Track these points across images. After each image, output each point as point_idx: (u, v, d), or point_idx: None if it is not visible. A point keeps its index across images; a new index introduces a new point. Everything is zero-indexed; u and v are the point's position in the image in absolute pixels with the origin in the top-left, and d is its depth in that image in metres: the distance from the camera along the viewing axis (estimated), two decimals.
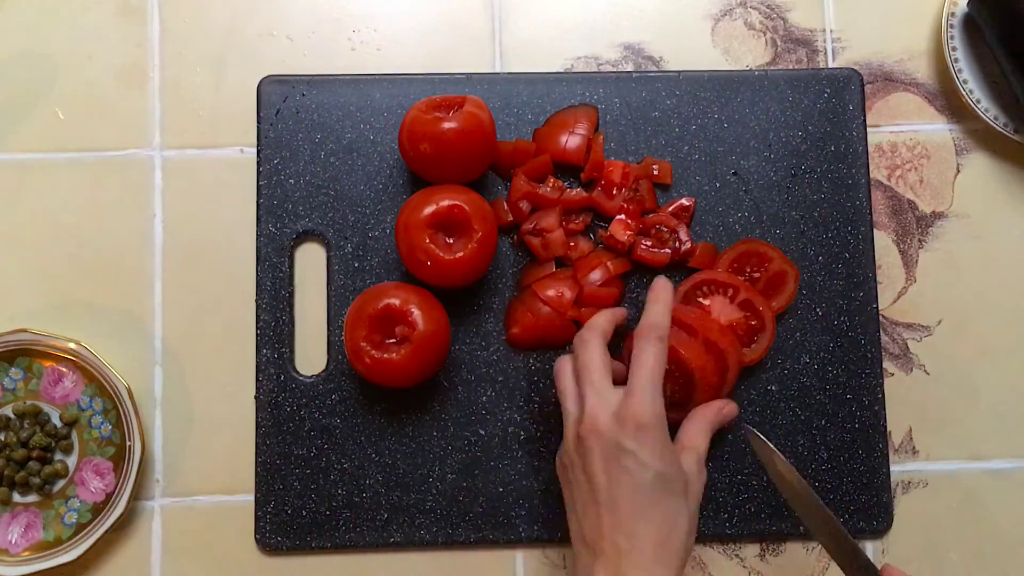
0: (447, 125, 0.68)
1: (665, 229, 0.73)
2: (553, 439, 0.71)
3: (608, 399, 0.62)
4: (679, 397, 0.69)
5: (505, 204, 0.73)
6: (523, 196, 0.72)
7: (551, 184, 0.73)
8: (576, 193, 0.73)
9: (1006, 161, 0.77)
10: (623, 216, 0.72)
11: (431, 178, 0.70)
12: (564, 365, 0.66)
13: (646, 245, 0.72)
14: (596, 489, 0.60)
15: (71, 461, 0.71)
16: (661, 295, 0.65)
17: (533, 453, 0.71)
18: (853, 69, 0.76)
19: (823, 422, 0.73)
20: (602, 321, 0.66)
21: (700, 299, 0.71)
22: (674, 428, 0.66)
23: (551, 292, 0.71)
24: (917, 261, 0.76)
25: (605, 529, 0.60)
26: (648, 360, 0.62)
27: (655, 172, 0.74)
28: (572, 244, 0.73)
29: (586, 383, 0.63)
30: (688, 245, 0.73)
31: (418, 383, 0.68)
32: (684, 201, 0.74)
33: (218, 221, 0.74)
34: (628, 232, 0.71)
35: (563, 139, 0.73)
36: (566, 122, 0.74)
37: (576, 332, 0.67)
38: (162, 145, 0.75)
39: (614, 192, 0.72)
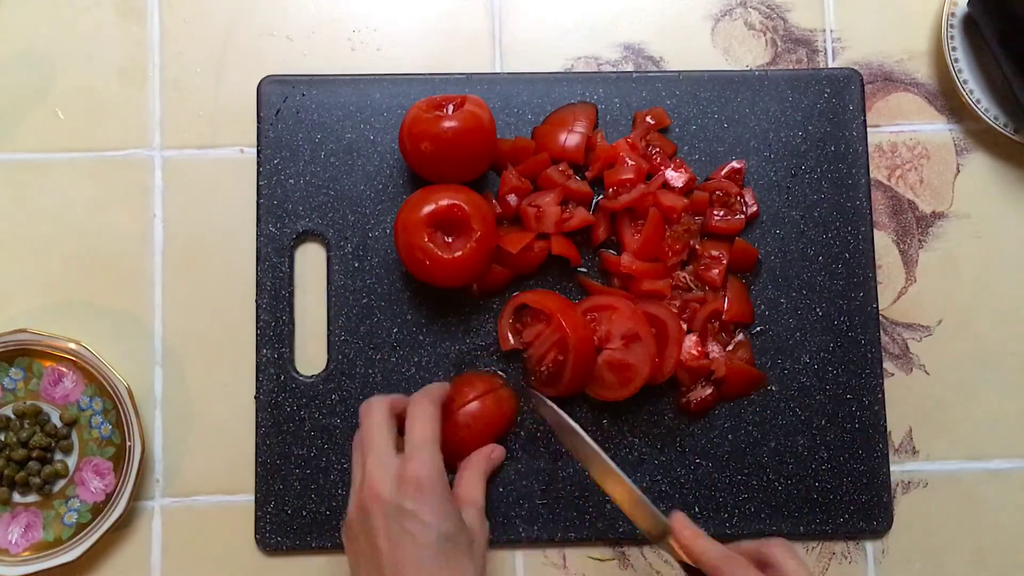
0: (447, 124, 0.68)
1: (725, 194, 0.72)
2: (553, 439, 0.72)
3: (388, 464, 0.61)
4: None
5: (494, 199, 0.73)
6: (512, 190, 0.72)
7: (561, 168, 0.73)
8: (581, 184, 0.73)
9: (1006, 161, 0.77)
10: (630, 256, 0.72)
11: (431, 177, 0.70)
12: (356, 439, 0.65)
13: (718, 215, 0.72)
14: (380, 556, 0.59)
15: (71, 461, 0.71)
16: (436, 385, 0.68)
17: (533, 453, 0.71)
18: (853, 69, 0.76)
19: (823, 422, 0.73)
20: (391, 397, 0.66)
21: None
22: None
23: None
24: (917, 261, 0.76)
25: None
26: (422, 421, 0.63)
27: (650, 121, 0.74)
28: (567, 215, 0.72)
29: (368, 451, 0.62)
30: (754, 208, 0.73)
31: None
32: (735, 163, 0.74)
33: (218, 221, 0.74)
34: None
35: (562, 137, 0.73)
36: (565, 120, 0.74)
37: None
38: (162, 145, 0.75)
39: (628, 161, 0.72)
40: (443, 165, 0.69)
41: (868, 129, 0.76)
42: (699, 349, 0.71)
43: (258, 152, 0.74)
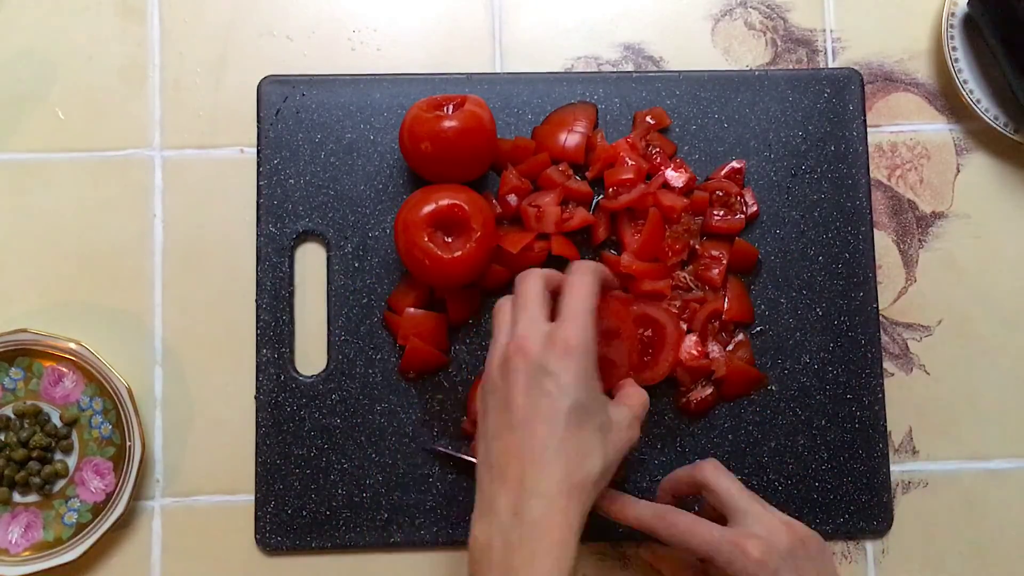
0: (448, 124, 0.68)
1: (726, 194, 0.73)
2: None
3: (539, 324, 0.59)
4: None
5: (494, 199, 0.73)
6: (512, 190, 0.72)
7: (561, 167, 0.73)
8: (581, 184, 0.73)
9: (1006, 161, 0.77)
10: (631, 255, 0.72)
11: (432, 177, 0.70)
12: (503, 302, 0.63)
13: (718, 215, 0.72)
14: (513, 411, 0.58)
15: (71, 461, 0.71)
16: (590, 263, 0.65)
17: None
18: (853, 69, 0.76)
19: (823, 422, 0.73)
20: (548, 271, 0.64)
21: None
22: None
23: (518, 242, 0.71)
24: (917, 261, 0.76)
25: (513, 454, 0.57)
26: (582, 288, 0.61)
27: (650, 121, 0.74)
28: (568, 215, 0.72)
29: (521, 311, 0.60)
30: (755, 208, 0.73)
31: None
32: (735, 163, 0.74)
33: (218, 221, 0.74)
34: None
35: (562, 137, 0.73)
36: (565, 120, 0.74)
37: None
38: (162, 145, 0.75)
39: (628, 161, 0.72)
40: (443, 165, 0.69)
41: (868, 129, 0.76)
42: (699, 349, 0.71)
43: (258, 152, 0.74)
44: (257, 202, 0.73)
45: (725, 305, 0.72)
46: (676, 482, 0.66)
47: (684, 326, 0.71)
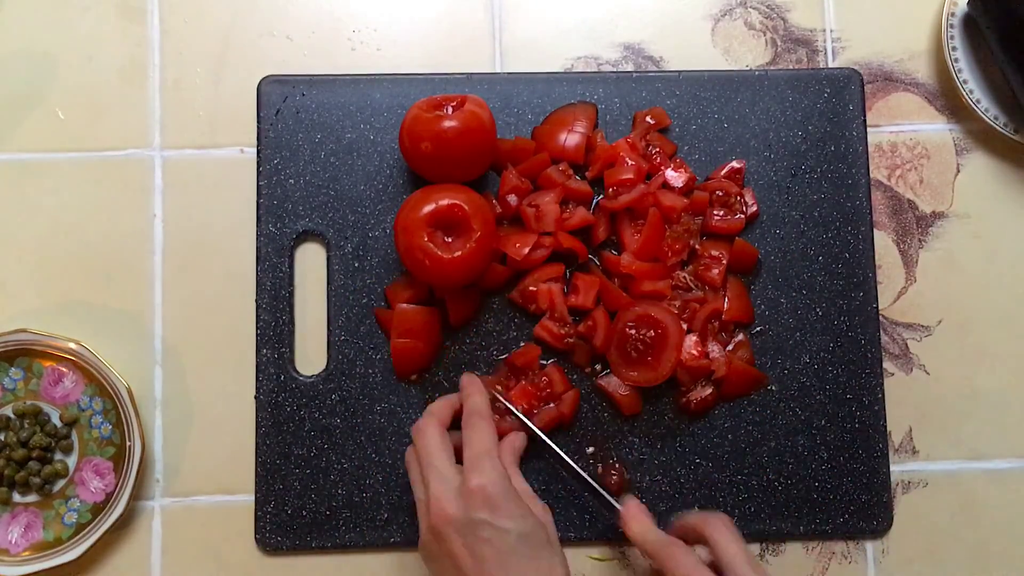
0: (448, 124, 0.68)
1: (725, 194, 0.72)
2: (553, 438, 0.71)
3: (450, 480, 0.62)
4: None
5: (494, 199, 0.73)
6: (512, 190, 0.72)
7: (561, 167, 0.73)
8: (581, 184, 0.73)
9: (1006, 161, 0.77)
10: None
11: (432, 177, 0.70)
12: (409, 457, 0.66)
13: (718, 215, 0.73)
14: (464, 571, 0.60)
15: (71, 461, 0.71)
16: (473, 387, 0.68)
17: (533, 453, 0.71)
18: (853, 69, 0.76)
19: (823, 422, 0.73)
20: (437, 407, 0.67)
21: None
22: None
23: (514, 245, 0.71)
24: (917, 261, 0.76)
25: None
26: (477, 436, 0.64)
27: (650, 121, 0.74)
28: (567, 215, 0.72)
29: (428, 472, 0.63)
30: (755, 208, 0.73)
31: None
32: (735, 163, 0.74)
33: (218, 221, 0.74)
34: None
35: (562, 137, 0.73)
36: (565, 120, 0.74)
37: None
38: (162, 145, 0.75)
39: (628, 161, 0.72)
40: (443, 165, 0.69)
41: (868, 129, 0.76)
42: (699, 349, 0.71)
43: (258, 152, 0.74)
44: (257, 202, 0.73)
45: (725, 305, 0.72)
46: (683, 528, 0.66)
47: (684, 326, 0.71)
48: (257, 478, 0.71)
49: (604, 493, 0.68)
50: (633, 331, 0.69)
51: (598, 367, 0.72)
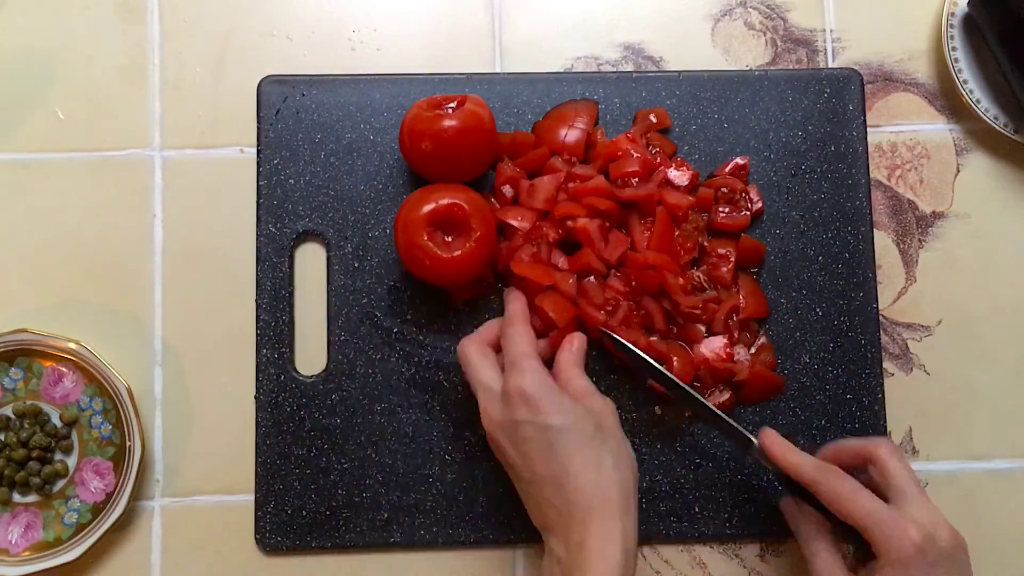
0: (448, 123, 0.68)
1: (731, 191, 0.73)
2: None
3: (493, 390, 0.64)
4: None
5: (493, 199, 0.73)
6: (507, 181, 0.72)
7: (564, 156, 0.72)
8: (586, 168, 0.72)
9: (1006, 161, 0.77)
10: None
11: (432, 177, 0.70)
12: (463, 363, 0.68)
13: (723, 212, 0.72)
14: (517, 470, 0.63)
15: (71, 461, 0.71)
16: (512, 295, 0.70)
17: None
18: (853, 69, 0.76)
19: (823, 422, 0.73)
20: (483, 327, 0.69)
21: None
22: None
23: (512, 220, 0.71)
24: (917, 261, 0.76)
25: (542, 504, 0.62)
26: (513, 340, 0.65)
27: (653, 120, 0.74)
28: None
29: (475, 387, 0.66)
30: (759, 204, 0.73)
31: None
32: (739, 160, 0.74)
33: (218, 221, 0.74)
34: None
35: (562, 132, 0.73)
36: (566, 115, 0.74)
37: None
38: (162, 145, 0.75)
39: (633, 153, 0.71)
40: (444, 164, 0.69)
41: (868, 129, 0.76)
42: (728, 351, 0.71)
43: (258, 152, 0.74)
44: (257, 202, 0.73)
45: (741, 302, 0.72)
46: (842, 450, 0.66)
47: (703, 328, 0.71)
48: (257, 478, 0.71)
49: (738, 426, 0.67)
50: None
51: None
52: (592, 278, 0.71)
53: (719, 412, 0.68)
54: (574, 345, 0.68)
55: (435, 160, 0.69)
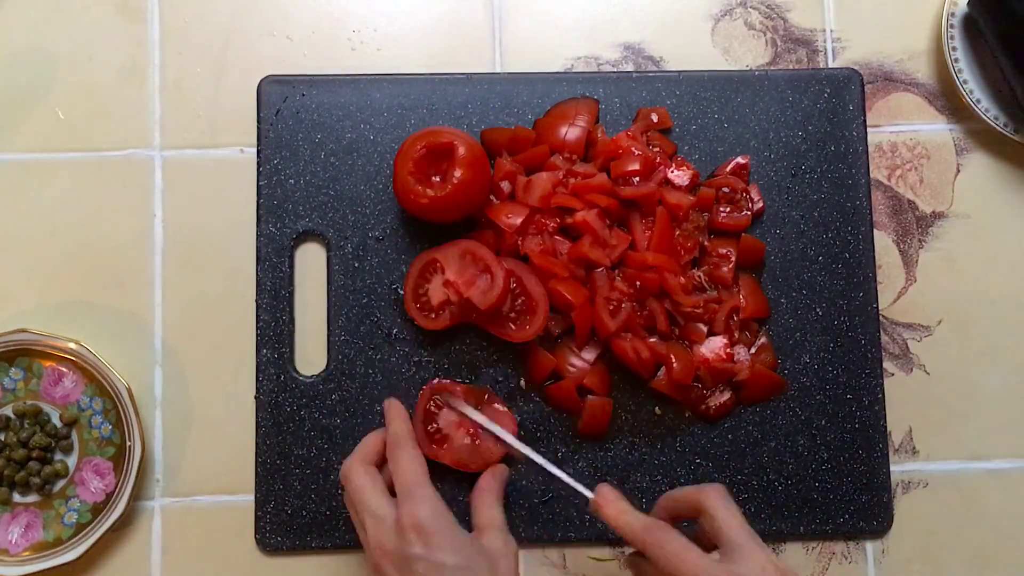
0: (435, 193, 0.68)
1: (732, 191, 0.72)
2: (554, 438, 0.72)
3: (384, 517, 0.61)
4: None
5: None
6: (505, 177, 0.72)
7: (565, 154, 0.72)
8: (587, 167, 0.72)
9: (1006, 161, 0.77)
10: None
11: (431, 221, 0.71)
12: (347, 501, 0.65)
13: (724, 211, 0.72)
14: None
15: (71, 461, 0.71)
16: (394, 413, 0.67)
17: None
18: (853, 69, 0.76)
19: (823, 422, 0.73)
20: (362, 445, 0.66)
21: None
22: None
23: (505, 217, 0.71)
24: (917, 261, 0.76)
25: None
26: (403, 467, 0.63)
27: (654, 119, 0.74)
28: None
29: (362, 512, 0.62)
30: (760, 204, 0.73)
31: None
32: (740, 159, 0.74)
33: (218, 221, 0.74)
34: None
35: (563, 130, 0.73)
36: (566, 113, 0.74)
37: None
38: (162, 145, 0.75)
39: (634, 151, 0.71)
40: (439, 217, 0.70)
41: (868, 129, 0.76)
42: (728, 351, 0.71)
43: (258, 152, 0.74)
44: (257, 202, 0.73)
45: (742, 302, 0.72)
46: (676, 501, 0.63)
47: (704, 328, 0.71)
48: (257, 478, 0.71)
49: (573, 482, 0.66)
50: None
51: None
52: (601, 270, 0.71)
53: (556, 471, 0.67)
54: (498, 473, 0.68)
55: (430, 216, 0.70)
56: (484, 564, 0.61)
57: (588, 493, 0.64)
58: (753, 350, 0.72)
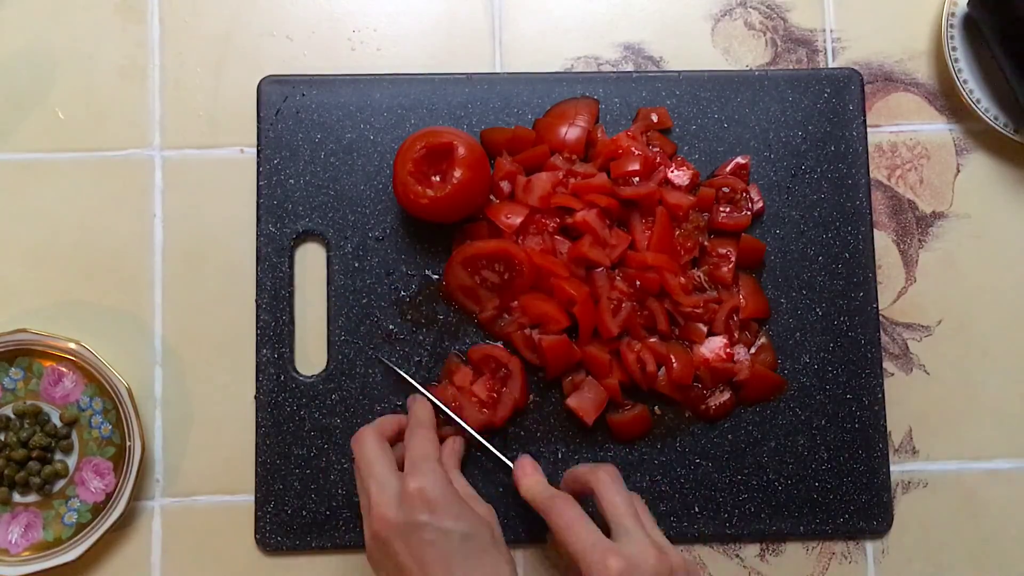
0: (434, 193, 0.68)
1: (732, 191, 0.72)
2: (554, 438, 0.71)
3: (390, 486, 0.61)
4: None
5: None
6: (505, 176, 0.72)
7: (565, 155, 0.72)
8: (587, 167, 0.72)
9: (1006, 161, 0.77)
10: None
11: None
12: (356, 471, 0.65)
13: (724, 211, 0.72)
14: (409, 575, 0.59)
15: (71, 461, 0.71)
16: (421, 403, 0.68)
17: (533, 453, 0.71)
18: (853, 69, 0.76)
19: (823, 422, 0.73)
20: (381, 419, 0.67)
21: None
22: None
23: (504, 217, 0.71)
24: (917, 261, 0.76)
25: None
26: (417, 442, 0.64)
27: (654, 119, 0.74)
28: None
29: (368, 479, 0.62)
30: (760, 204, 0.73)
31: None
32: (740, 159, 0.74)
33: (218, 221, 0.74)
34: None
35: (563, 130, 0.73)
36: (566, 113, 0.74)
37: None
38: (162, 145, 0.75)
39: (634, 151, 0.71)
40: (439, 217, 0.70)
41: (868, 129, 0.76)
42: (727, 351, 0.71)
43: (258, 152, 0.74)
44: (257, 202, 0.73)
45: (742, 302, 0.72)
46: (574, 478, 0.66)
47: (704, 328, 0.71)
48: (257, 478, 0.71)
49: (498, 453, 0.68)
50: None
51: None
52: (601, 270, 0.71)
53: (483, 441, 0.69)
54: (455, 447, 0.69)
55: (430, 216, 0.70)
56: (485, 531, 0.62)
57: (510, 464, 0.67)
58: (753, 350, 0.72)
